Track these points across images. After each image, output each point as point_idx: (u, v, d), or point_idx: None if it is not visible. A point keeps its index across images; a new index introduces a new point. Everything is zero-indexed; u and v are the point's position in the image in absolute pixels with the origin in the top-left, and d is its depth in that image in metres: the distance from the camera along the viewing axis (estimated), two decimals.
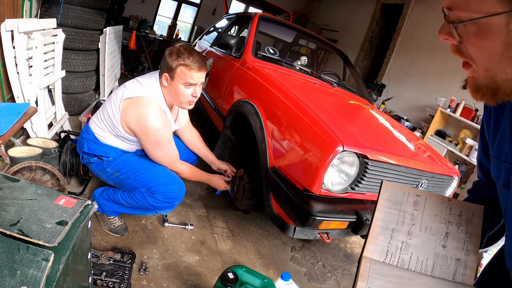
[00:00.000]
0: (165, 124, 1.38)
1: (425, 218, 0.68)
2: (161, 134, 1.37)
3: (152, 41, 5.59)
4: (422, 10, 4.62)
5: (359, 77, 2.88)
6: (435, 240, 0.66)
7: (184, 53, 1.31)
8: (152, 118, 1.33)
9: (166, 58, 1.34)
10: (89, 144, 1.45)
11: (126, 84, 1.39)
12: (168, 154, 1.44)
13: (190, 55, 1.32)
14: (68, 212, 0.72)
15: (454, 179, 1.82)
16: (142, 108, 1.33)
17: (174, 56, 1.31)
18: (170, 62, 1.32)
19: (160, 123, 1.35)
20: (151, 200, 1.34)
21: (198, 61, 1.33)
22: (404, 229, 0.68)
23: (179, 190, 1.40)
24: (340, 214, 1.28)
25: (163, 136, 1.38)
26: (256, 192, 1.80)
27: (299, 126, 1.43)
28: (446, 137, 3.60)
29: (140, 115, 1.33)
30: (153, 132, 1.35)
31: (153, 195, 1.34)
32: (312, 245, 2.02)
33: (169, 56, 1.32)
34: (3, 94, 1.64)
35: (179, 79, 1.34)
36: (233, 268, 1.12)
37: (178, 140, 1.83)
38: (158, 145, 1.39)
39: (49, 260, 0.59)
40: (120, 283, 1.20)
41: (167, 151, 1.43)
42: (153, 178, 1.37)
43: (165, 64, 1.35)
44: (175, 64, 1.31)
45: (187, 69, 1.32)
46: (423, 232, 0.67)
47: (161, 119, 1.36)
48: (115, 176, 1.44)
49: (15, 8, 1.70)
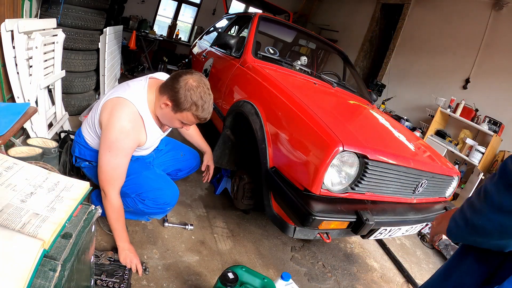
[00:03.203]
0: (131, 131, 1.24)
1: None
2: (121, 139, 1.22)
3: (152, 41, 5.59)
4: (422, 10, 4.62)
5: (359, 77, 2.88)
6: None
7: (201, 101, 1.20)
8: (120, 119, 1.21)
9: (178, 91, 1.18)
10: (80, 149, 1.43)
11: (117, 86, 1.35)
12: (114, 167, 1.24)
13: (205, 108, 1.23)
14: (72, 222, 0.71)
15: (454, 179, 1.82)
16: (117, 107, 1.22)
17: (189, 100, 1.19)
18: (183, 101, 1.19)
19: (125, 126, 1.22)
20: (142, 206, 1.32)
21: (207, 114, 1.25)
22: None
23: (171, 196, 1.35)
24: (340, 214, 1.27)
25: (121, 142, 1.22)
26: (256, 192, 1.80)
27: (299, 126, 1.43)
28: (446, 137, 3.60)
29: (112, 112, 1.21)
30: (113, 132, 1.21)
31: (143, 201, 1.31)
32: (312, 245, 2.02)
33: (184, 93, 1.18)
34: (3, 94, 1.64)
35: (181, 117, 1.25)
36: (233, 268, 1.12)
37: (179, 145, 1.79)
38: (110, 148, 1.22)
39: (56, 270, 0.59)
40: (120, 283, 1.20)
41: (116, 162, 1.23)
42: (142, 184, 1.32)
43: (174, 94, 1.20)
44: (186, 107, 1.20)
45: (193, 118, 1.24)
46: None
47: (129, 123, 1.23)
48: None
49: (15, 8, 1.70)
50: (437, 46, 4.25)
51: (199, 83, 1.20)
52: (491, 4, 3.69)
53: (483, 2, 3.78)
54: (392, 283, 1.97)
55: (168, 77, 1.30)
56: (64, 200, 0.73)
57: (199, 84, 1.20)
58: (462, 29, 3.98)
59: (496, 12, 3.65)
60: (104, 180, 1.24)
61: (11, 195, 0.69)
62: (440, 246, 2.58)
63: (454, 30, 4.08)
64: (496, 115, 3.26)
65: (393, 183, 1.46)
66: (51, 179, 0.80)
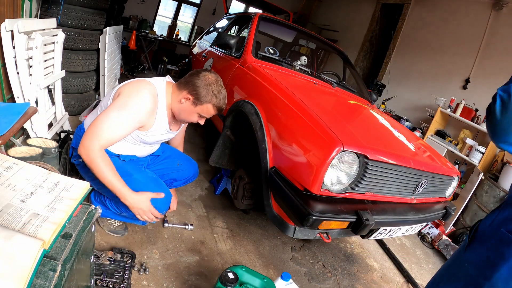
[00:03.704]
0: (148, 103, 1.27)
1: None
2: (136, 103, 1.23)
3: (152, 41, 5.59)
4: (422, 10, 4.62)
5: (359, 77, 2.88)
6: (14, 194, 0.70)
7: (220, 94, 1.35)
8: (142, 93, 1.25)
9: (199, 85, 1.31)
10: (77, 140, 1.35)
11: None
12: (112, 123, 1.19)
13: (223, 99, 1.37)
14: (72, 222, 0.71)
15: (454, 179, 1.82)
16: (140, 83, 1.29)
17: (210, 92, 1.32)
18: (203, 94, 1.32)
19: (145, 95, 1.26)
20: (132, 213, 1.27)
21: (224, 104, 1.38)
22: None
23: (162, 202, 1.30)
24: (340, 214, 1.27)
25: (134, 106, 1.23)
26: (256, 192, 1.80)
27: (299, 126, 1.43)
28: (446, 137, 3.60)
29: (135, 84, 1.29)
30: (131, 95, 1.24)
31: None
32: (312, 245, 2.02)
33: (204, 87, 1.32)
34: (3, 94, 1.64)
35: (200, 110, 1.36)
36: (233, 268, 1.12)
37: (176, 153, 1.72)
38: (120, 107, 1.21)
39: (56, 270, 0.59)
40: (120, 283, 1.20)
41: (118, 121, 1.20)
42: (133, 188, 1.25)
43: (194, 88, 1.32)
44: (207, 99, 1.33)
45: (213, 109, 1.36)
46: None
47: (150, 96, 1.27)
48: (98, 181, 1.24)
49: (15, 8, 1.70)
50: (437, 46, 4.25)
51: (217, 78, 1.37)
52: (491, 4, 3.69)
53: (483, 2, 3.78)
54: (392, 283, 1.97)
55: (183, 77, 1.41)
56: (64, 200, 0.73)
57: (217, 79, 1.37)
58: (462, 29, 3.98)
59: (496, 12, 3.65)
60: (94, 135, 1.16)
61: (11, 195, 0.69)
62: (440, 246, 2.58)
63: (454, 30, 4.08)
64: None
65: (393, 183, 1.46)
66: (51, 179, 0.80)
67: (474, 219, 2.77)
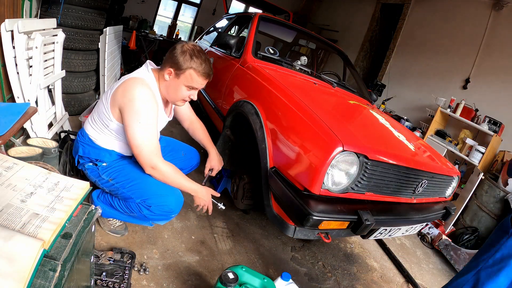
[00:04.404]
0: (151, 98, 1.28)
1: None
2: (145, 107, 1.25)
3: (152, 41, 5.59)
4: (422, 10, 4.62)
5: (359, 77, 2.88)
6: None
7: (198, 58, 1.29)
8: (138, 90, 1.25)
9: (177, 55, 1.29)
10: (84, 148, 1.40)
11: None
12: (149, 137, 1.26)
13: (203, 62, 1.30)
14: (72, 222, 0.71)
15: (454, 179, 1.82)
16: (132, 82, 1.28)
17: (187, 57, 1.28)
18: (182, 61, 1.29)
19: (145, 94, 1.26)
20: (146, 212, 1.30)
21: (208, 69, 1.33)
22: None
23: (175, 203, 1.34)
24: (340, 214, 1.27)
25: (147, 110, 1.26)
26: (256, 192, 1.80)
27: (299, 126, 1.43)
28: (446, 137, 3.60)
29: (128, 86, 1.27)
30: (136, 103, 1.24)
31: (149, 207, 1.30)
32: (312, 245, 2.02)
33: (181, 54, 1.29)
34: (3, 94, 1.64)
35: (185, 80, 1.32)
36: (233, 268, 1.12)
37: (178, 145, 1.79)
38: (139, 119, 1.24)
39: (56, 270, 0.59)
40: (120, 283, 1.20)
41: (149, 132, 1.26)
42: (148, 189, 1.31)
43: (173, 59, 1.30)
44: (186, 65, 1.29)
45: (197, 75, 1.31)
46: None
47: (148, 91, 1.27)
48: (110, 184, 1.38)
49: (15, 8, 1.70)
50: (437, 46, 4.25)
51: (194, 45, 1.33)
52: (491, 4, 3.69)
53: (483, 2, 3.78)
54: (392, 283, 1.97)
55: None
56: (64, 200, 0.74)
57: (194, 45, 1.33)
58: (462, 29, 3.98)
59: (496, 12, 3.65)
60: (146, 155, 1.27)
61: (11, 195, 0.69)
62: (440, 246, 2.58)
63: (454, 30, 4.08)
64: (496, 115, 3.25)
65: (393, 183, 1.46)
66: (51, 179, 0.80)
67: (474, 219, 2.77)
